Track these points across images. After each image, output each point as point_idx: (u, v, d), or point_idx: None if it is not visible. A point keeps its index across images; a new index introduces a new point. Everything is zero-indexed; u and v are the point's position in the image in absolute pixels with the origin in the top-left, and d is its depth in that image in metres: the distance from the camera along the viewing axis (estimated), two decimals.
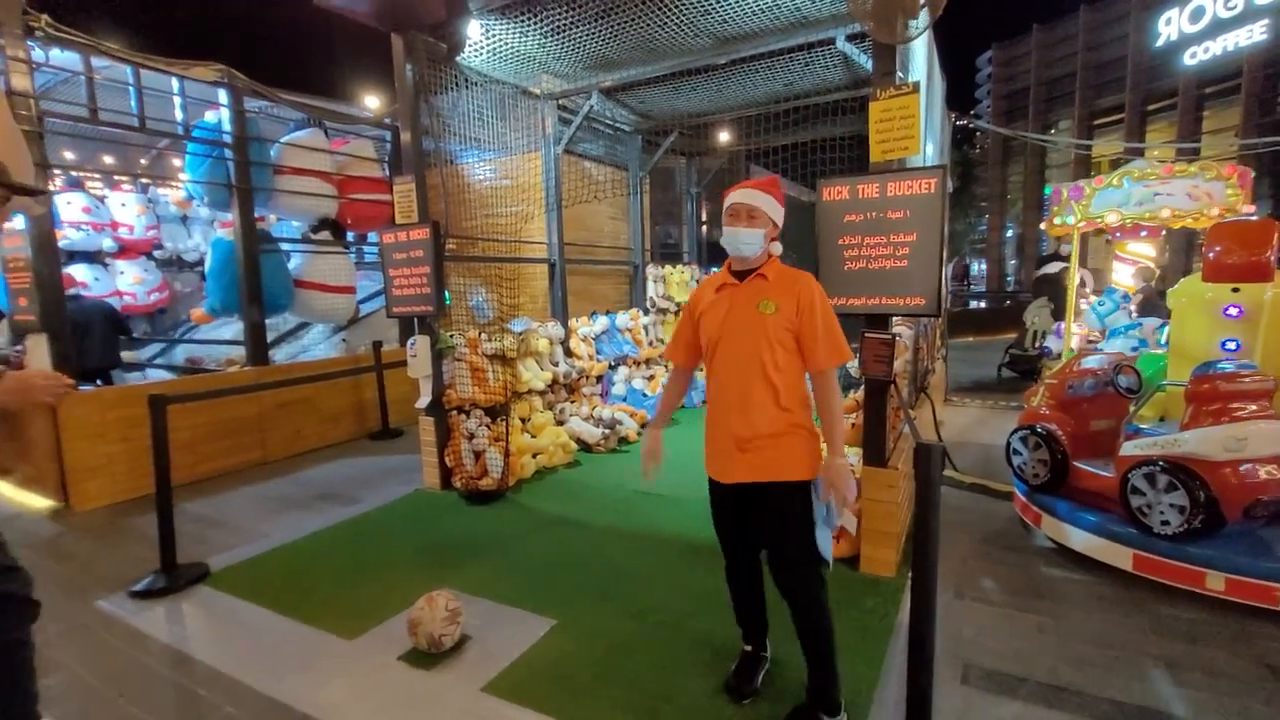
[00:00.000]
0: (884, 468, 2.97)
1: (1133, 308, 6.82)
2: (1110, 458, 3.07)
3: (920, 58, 3.69)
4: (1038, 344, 8.04)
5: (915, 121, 2.67)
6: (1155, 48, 15.92)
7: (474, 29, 4.25)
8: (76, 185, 7.16)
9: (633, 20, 4.17)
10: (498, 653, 2.47)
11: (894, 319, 3.03)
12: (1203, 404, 2.61)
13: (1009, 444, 3.37)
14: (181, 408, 4.21)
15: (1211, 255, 2.91)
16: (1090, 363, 3.20)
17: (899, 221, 2.73)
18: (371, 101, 13.48)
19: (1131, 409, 3.05)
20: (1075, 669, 2.27)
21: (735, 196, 1.96)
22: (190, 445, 4.86)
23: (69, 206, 6.55)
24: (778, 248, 2.00)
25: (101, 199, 7.11)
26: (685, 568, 3.18)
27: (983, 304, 21.39)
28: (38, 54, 4.21)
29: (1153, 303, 6.81)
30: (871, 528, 3.01)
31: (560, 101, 5.88)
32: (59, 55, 4.46)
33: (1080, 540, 2.96)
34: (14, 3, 3.95)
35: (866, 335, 2.92)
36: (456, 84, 4.76)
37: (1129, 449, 2.76)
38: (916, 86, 2.68)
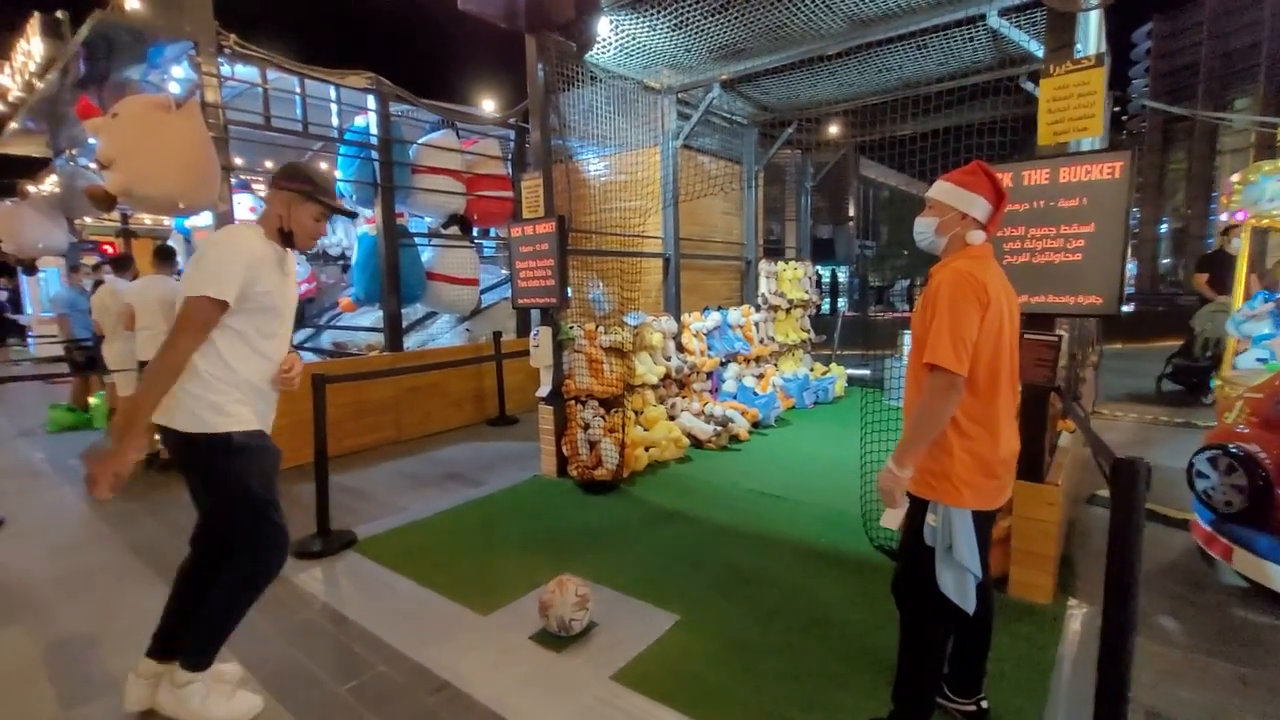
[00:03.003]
0: (1041, 483, 2.69)
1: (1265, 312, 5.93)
2: None
3: (1094, 30, 3.31)
4: (1209, 353, 7.05)
5: (1098, 99, 2.39)
6: None
7: (603, 26, 4.31)
8: (245, 187, 8.06)
9: (765, 6, 4.06)
10: (624, 643, 2.48)
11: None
12: None
13: (1192, 465, 2.96)
14: (329, 387, 4.63)
15: None
16: None
17: (1073, 211, 2.45)
18: (487, 104, 14.14)
19: None
20: None
21: None
22: (336, 423, 5.29)
23: (239, 206, 7.37)
24: (977, 236, 1.80)
25: (264, 199, 7.96)
26: (808, 573, 3.06)
27: (1130, 307, 19.10)
28: (225, 69, 4.76)
29: None
30: (1023, 548, 2.74)
31: (679, 95, 5.86)
32: (240, 70, 5.01)
33: None
34: (209, 23, 4.48)
35: (1025, 336, 2.65)
36: (581, 81, 4.87)
37: None
38: (1100, 59, 2.39)
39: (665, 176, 5.79)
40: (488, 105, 13.91)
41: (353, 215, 2.45)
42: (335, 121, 5.76)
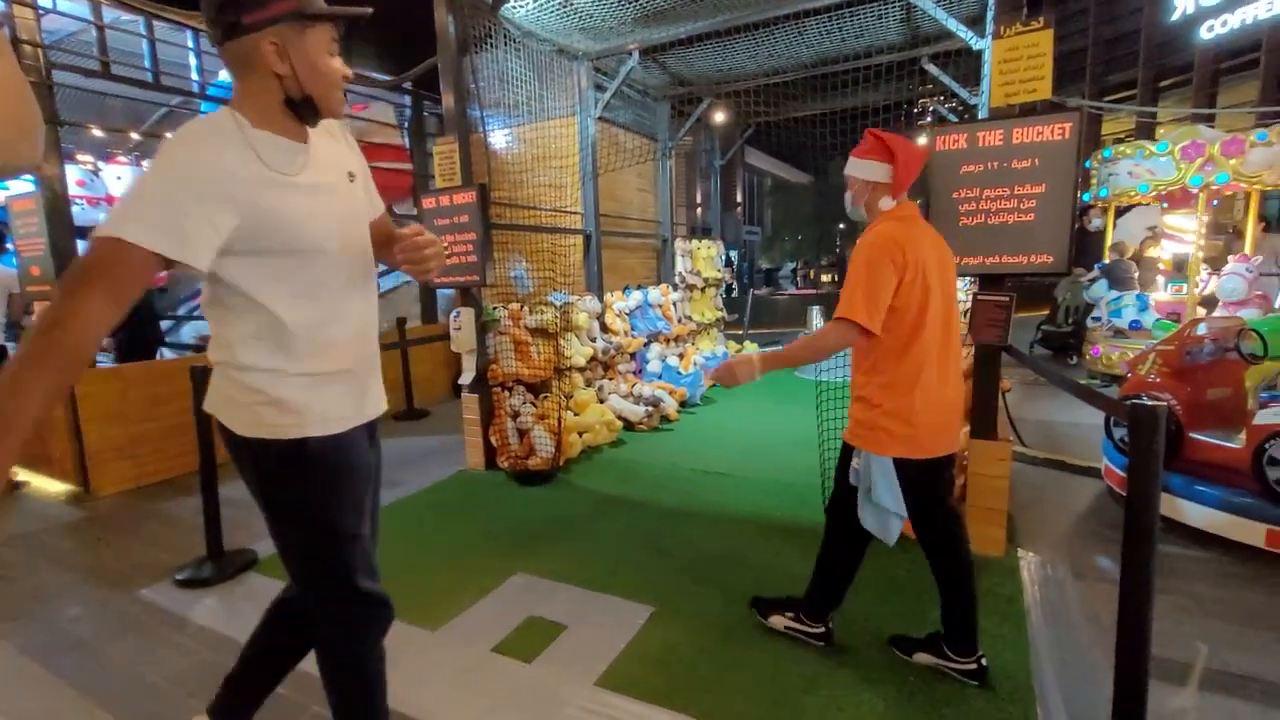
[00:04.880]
0: (994, 440, 2.77)
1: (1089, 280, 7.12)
2: (1229, 428, 2.89)
3: None
4: (1070, 320, 7.90)
5: (1046, 61, 2.44)
6: (1170, 21, 15.65)
7: None
8: (69, 158, 6.75)
9: None
10: (601, 643, 2.25)
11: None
12: None
13: (1109, 416, 3.18)
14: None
15: None
16: (1208, 328, 3.01)
17: (1025, 171, 2.50)
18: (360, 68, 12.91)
19: (1274, 374, 2.87)
20: (1240, 654, 2.09)
21: None
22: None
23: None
24: (886, 203, 1.90)
25: (95, 172, 6.70)
26: (774, 548, 2.98)
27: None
28: (44, 0, 3.86)
29: (1118, 275, 6.79)
30: (978, 504, 2.81)
31: (595, 64, 5.57)
32: (66, 4, 4.10)
33: (1200, 516, 2.79)
34: None
35: (978, 298, 2.71)
36: (492, 41, 4.46)
37: (1266, 417, 2.58)
38: (1049, 22, 2.43)
39: (584, 149, 5.50)
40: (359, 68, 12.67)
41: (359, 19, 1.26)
42: (195, 76, 4.89)
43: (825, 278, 31.12)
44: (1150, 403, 1.49)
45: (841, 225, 29.29)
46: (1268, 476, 2.55)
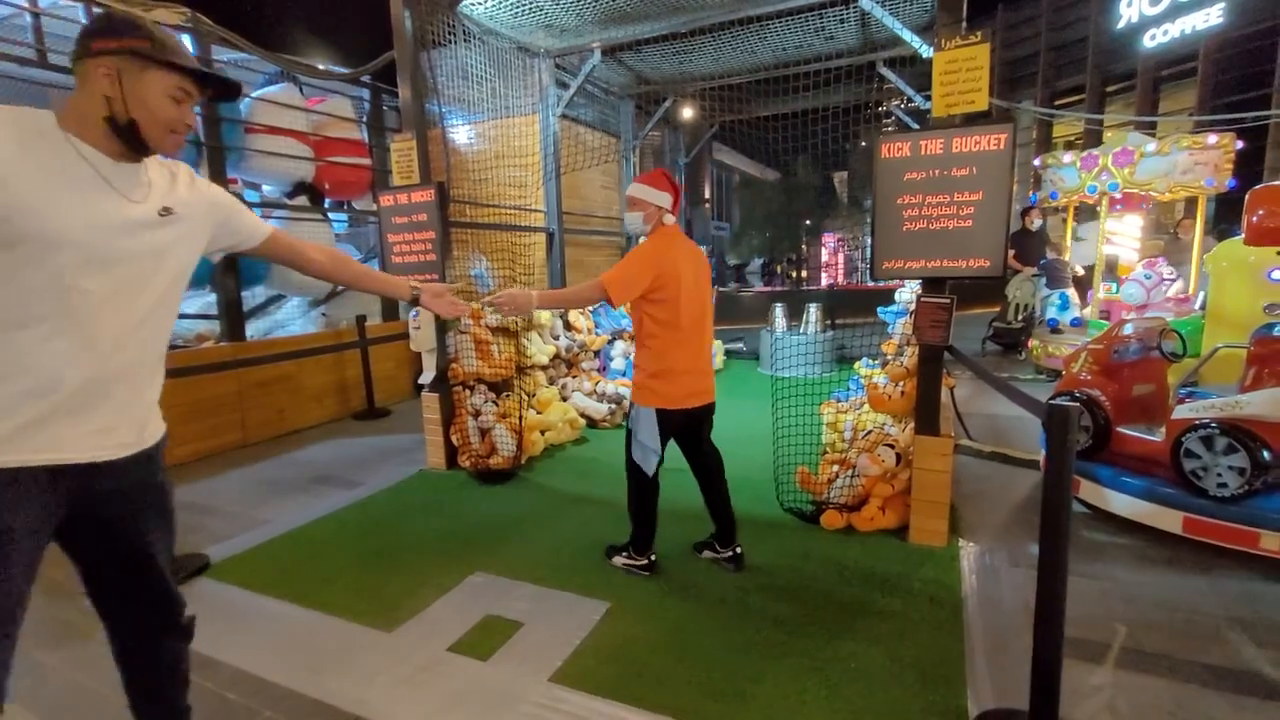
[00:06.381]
0: (937, 436, 2.89)
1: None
2: (1152, 422, 3.07)
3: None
4: (1020, 317, 8.20)
5: (984, 74, 2.55)
6: (1116, 29, 16.29)
7: None
8: None
9: None
10: (557, 640, 2.30)
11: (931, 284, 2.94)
12: (1266, 366, 2.61)
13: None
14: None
15: (1255, 219, 2.91)
16: (1134, 328, 3.19)
17: (964, 179, 2.61)
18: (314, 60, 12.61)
19: (1190, 372, 3.05)
20: (1153, 633, 2.24)
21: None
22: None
23: None
24: (670, 219, 2.56)
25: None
26: None
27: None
28: None
29: (1052, 273, 7.20)
30: (922, 498, 2.94)
31: (557, 62, 5.56)
32: None
33: (1125, 505, 2.96)
34: None
35: (922, 300, 2.82)
36: (452, 37, 4.42)
37: (1183, 412, 2.75)
38: (985, 37, 2.54)
39: (545, 146, 5.49)
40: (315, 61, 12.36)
41: (233, 91, 1.38)
42: None
43: (795, 274, 31.20)
44: (1064, 403, 1.60)
45: (808, 221, 29.55)
46: (1184, 467, 2.72)
